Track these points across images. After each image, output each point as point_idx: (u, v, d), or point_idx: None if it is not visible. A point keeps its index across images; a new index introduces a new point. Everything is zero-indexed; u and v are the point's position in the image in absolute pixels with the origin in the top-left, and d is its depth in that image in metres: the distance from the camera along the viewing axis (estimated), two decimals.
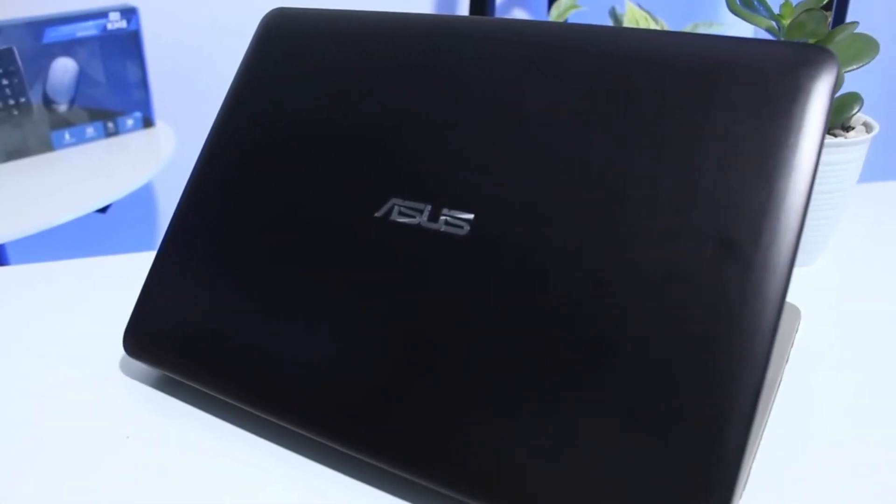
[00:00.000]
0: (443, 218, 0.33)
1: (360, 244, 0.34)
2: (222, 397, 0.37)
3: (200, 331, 0.38)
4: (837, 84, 0.29)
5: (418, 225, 0.33)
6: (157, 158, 1.09)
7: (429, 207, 0.33)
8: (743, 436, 0.25)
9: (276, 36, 0.43)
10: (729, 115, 0.29)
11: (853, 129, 0.52)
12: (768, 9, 0.48)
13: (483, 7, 1.03)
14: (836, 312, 0.48)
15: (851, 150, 0.50)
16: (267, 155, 0.39)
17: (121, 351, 0.42)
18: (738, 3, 0.48)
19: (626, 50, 0.32)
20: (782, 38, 0.49)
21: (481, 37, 0.37)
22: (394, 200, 0.34)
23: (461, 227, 0.32)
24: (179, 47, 1.35)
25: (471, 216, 0.32)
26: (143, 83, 1.16)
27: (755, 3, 0.47)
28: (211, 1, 1.34)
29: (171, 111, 1.28)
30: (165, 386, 0.40)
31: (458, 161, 0.34)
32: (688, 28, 0.88)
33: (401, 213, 0.34)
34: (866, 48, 0.51)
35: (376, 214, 0.34)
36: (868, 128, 0.53)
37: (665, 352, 0.28)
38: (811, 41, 0.48)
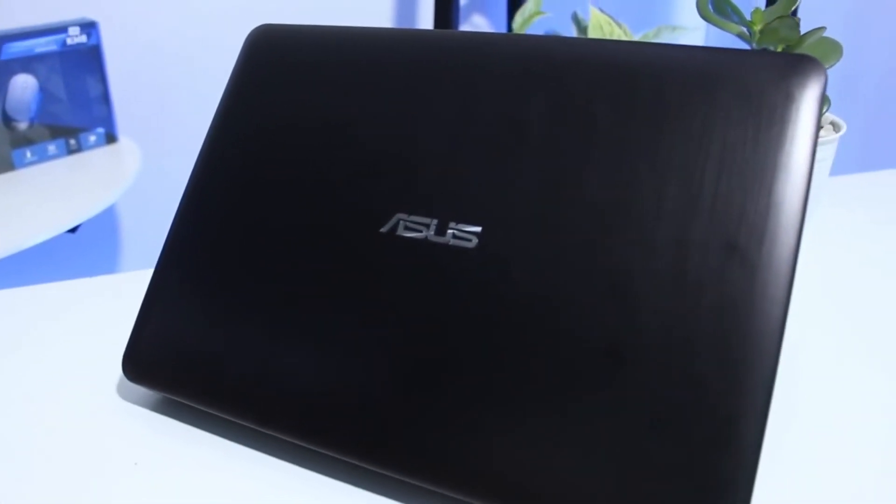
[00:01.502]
0: (450, 231, 0.33)
1: (366, 260, 0.35)
2: (230, 417, 0.37)
3: (203, 352, 0.38)
4: (825, 91, 0.31)
5: (426, 239, 0.34)
6: (124, 175, 1.08)
7: (435, 222, 0.34)
8: (759, 431, 0.27)
9: (264, 52, 0.44)
10: (727, 124, 0.30)
11: (822, 128, 0.54)
12: (740, 15, 0.49)
13: (447, 15, 1.04)
14: (813, 302, 0.49)
15: (822, 149, 0.52)
16: (263, 173, 0.40)
17: (115, 376, 0.42)
18: (711, 9, 0.50)
19: (625, 63, 0.33)
20: (754, 44, 0.50)
21: (476, 50, 0.38)
22: (399, 216, 0.35)
23: (469, 240, 0.33)
24: (142, 61, 1.33)
25: (478, 229, 0.33)
26: (105, 98, 1.14)
27: (728, 9, 0.49)
28: (173, 14, 1.33)
29: (134, 126, 1.26)
30: (166, 408, 0.40)
31: (461, 174, 0.34)
32: (652, 32, 0.90)
33: (407, 228, 0.34)
34: (831, 51, 0.53)
35: (382, 230, 0.35)
36: (836, 127, 0.55)
37: (679, 356, 0.28)
38: (781, 46, 0.50)
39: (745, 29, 0.52)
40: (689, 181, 0.30)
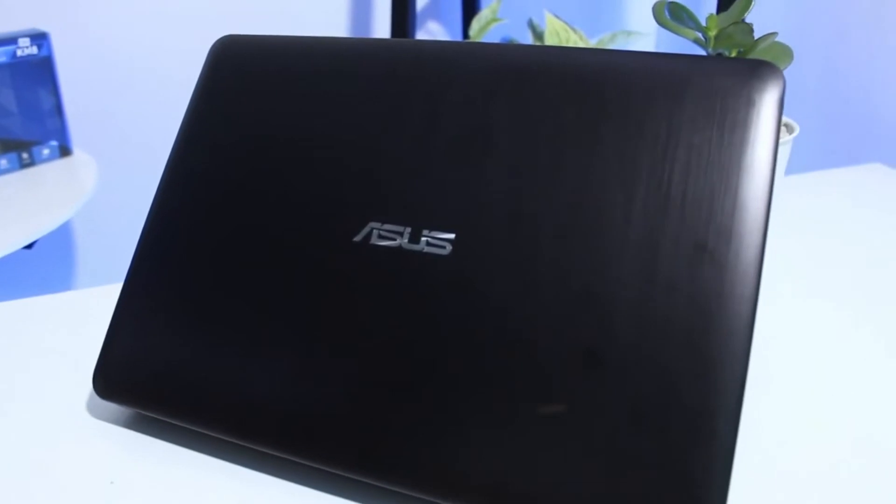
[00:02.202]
0: (424, 239, 0.34)
1: (341, 269, 0.35)
2: (207, 431, 0.37)
3: (176, 365, 0.37)
4: (784, 94, 0.32)
5: (399, 247, 0.34)
6: (80, 189, 1.05)
7: (409, 229, 0.34)
8: (734, 424, 0.27)
9: (228, 63, 0.43)
10: (692, 128, 0.31)
11: None
12: (696, 21, 0.51)
13: (404, 22, 1.05)
14: (775, 294, 0.51)
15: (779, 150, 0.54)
16: (232, 185, 0.39)
17: (83, 393, 0.41)
18: (667, 15, 0.51)
19: (591, 70, 0.34)
20: (709, 49, 0.52)
21: (442, 59, 0.38)
22: (371, 224, 0.35)
23: (443, 246, 0.33)
24: (95, 72, 1.30)
25: (452, 235, 0.33)
26: (58, 110, 1.11)
27: (684, 15, 0.50)
28: (126, 23, 1.30)
29: (89, 138, 1.24)
30: (138, 424, 0.39)
31: (432, 182, 0.35)
32: (607, 37, 0.92)
33: (380, 237, 0.34)
34: (782, 55, 0.55)
35: (355, 239, 0.35)
36: (789, 129, 0.57)
37: (654, 355, 0.29)
38: (735, 51, 0.52)
39: (699, 34, 0.53)
40: (657, 184, 0.31)
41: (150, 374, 0.38)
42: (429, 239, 0.34)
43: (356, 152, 0.37)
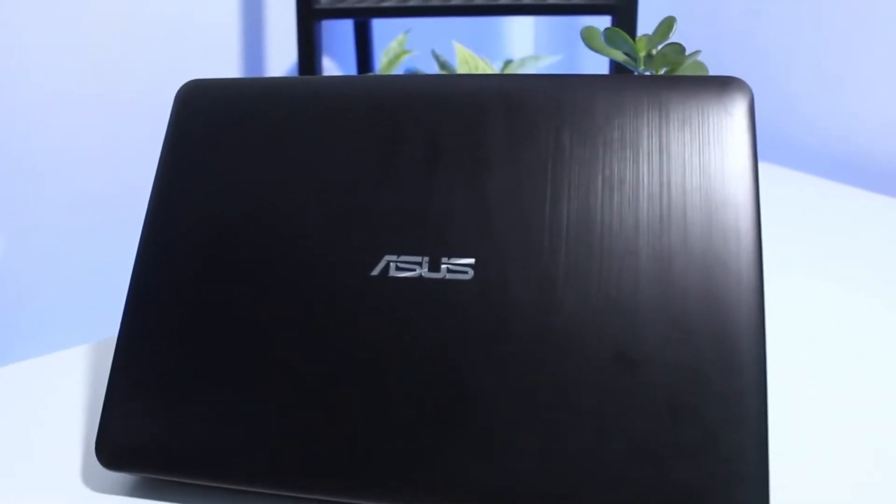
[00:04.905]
0: (444, 266, 0.35)
1: (362, 304, 0.35)
2: (225, 485, 0.36)
3: (184, 425, 0.36)
4: (753, 103, 0.36)
5: (420, 277, 0.35)
6: None
7: (426, 259, 0.35)
8: (763, 404, 0.30)
9: (198, 108, 0.43)
10: (680, 139, 0.35)
11: None
12: (631, 44, 0.55)
13: (312, 60, 1.05)
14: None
15: None
16: (226, 236, 0.39)
17: (78, 466, 0.39)
18: (603, 40, 0.55)
19: (575, 93, 0.36)
20: (641, 68, 0.56)
21: (418, 91, 0.39)
22: (387, 258, 0.36)
23: (465, 272, 0.34)
24: None
25: (472, 260, 0.35)
26: None
27: (619, 40, 0.54)
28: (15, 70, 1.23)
29: None
30: (144, 491, 0.38)
31: (438, 208, 0.36)
32: (516, 63, 0.96)
33: (398, 269, 0.35)
34: (701, 71, 0.61)
35: (372, 273, 0.35)
36: None
37: (679, 350, 0.32)
38: (663, 69, 0.56)
39: (628, 56, 0.58)
40: (658, 198, 0.34)
41: (155, 437, 0.37)
42: (449, 266, 0.35)
43: (352, 189, 0.38)
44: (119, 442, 0.37)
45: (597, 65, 1.19)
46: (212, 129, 0.42)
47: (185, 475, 0.36)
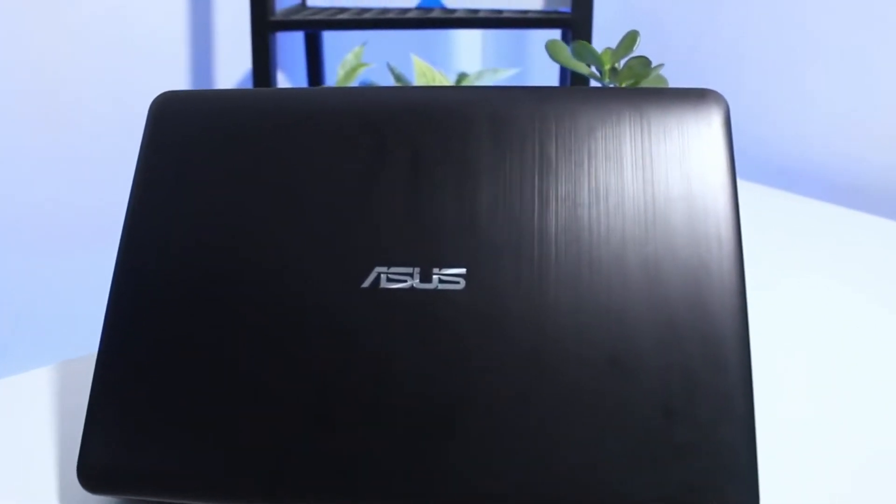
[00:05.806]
0: (435, 276, 0.35)
1: (353, 317, 0.35)
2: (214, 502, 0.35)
3: (169, 444, 0.36)
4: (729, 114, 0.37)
5: (412, 287, 0.35)
6: None
7: (417, 269, 0.35)
8: (750, 402, 0.32)
9: (174, 122, 0.42)
10: (663, 150, 0.36)
11: None
12: (597, 57, 0.56)
13: (266, 69, 1.04)
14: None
15: None
16: (210, 248, 0.38)
17: (55, 489, 0.38)
18: (570, 54, 0.57)
19: (559, 105, 0.37)
20: (607, 81, 0.58)
21: (403, 103, 0.40)
22: (378, 269, 0.36)
23: (457, 282, 0.35)
24: None
25: (463, 270, 0.35)
26: None
27: (586, 53, 0.56)
28: None
29: None
30: None
31: (425, 219, 0.36)
32: (473, 75, 0.97)
33: (389, 280, 0.35)
34: (662, 84, 0.63)
35: (363, 286, 0.35)
36: None
37: (670, 354, 0.33)
38: (629, 82, 0.58)
39: (594, 69, 0.59)
40: (643, 207, 0.35)
41: (140, 458, 0.36)
42: (441, 276, 0.35)
43: (339, 201, 0.38)
44: (101, 464, 0.36)
45: (547, 77, 1.22)
46: (190, 142, 0.41)
47: (168, 496, 0.36)
